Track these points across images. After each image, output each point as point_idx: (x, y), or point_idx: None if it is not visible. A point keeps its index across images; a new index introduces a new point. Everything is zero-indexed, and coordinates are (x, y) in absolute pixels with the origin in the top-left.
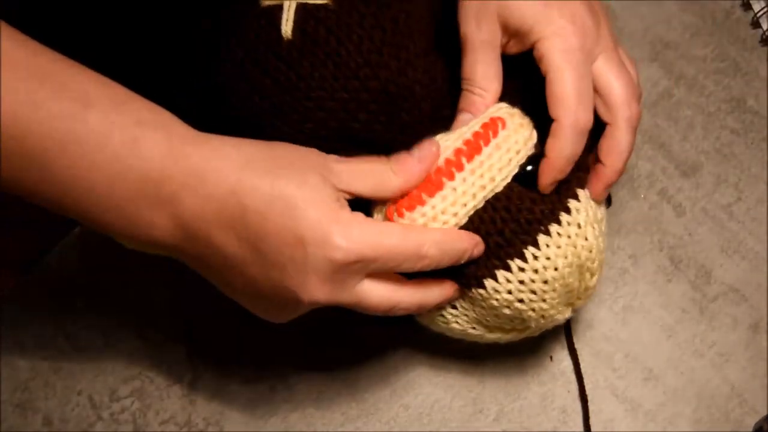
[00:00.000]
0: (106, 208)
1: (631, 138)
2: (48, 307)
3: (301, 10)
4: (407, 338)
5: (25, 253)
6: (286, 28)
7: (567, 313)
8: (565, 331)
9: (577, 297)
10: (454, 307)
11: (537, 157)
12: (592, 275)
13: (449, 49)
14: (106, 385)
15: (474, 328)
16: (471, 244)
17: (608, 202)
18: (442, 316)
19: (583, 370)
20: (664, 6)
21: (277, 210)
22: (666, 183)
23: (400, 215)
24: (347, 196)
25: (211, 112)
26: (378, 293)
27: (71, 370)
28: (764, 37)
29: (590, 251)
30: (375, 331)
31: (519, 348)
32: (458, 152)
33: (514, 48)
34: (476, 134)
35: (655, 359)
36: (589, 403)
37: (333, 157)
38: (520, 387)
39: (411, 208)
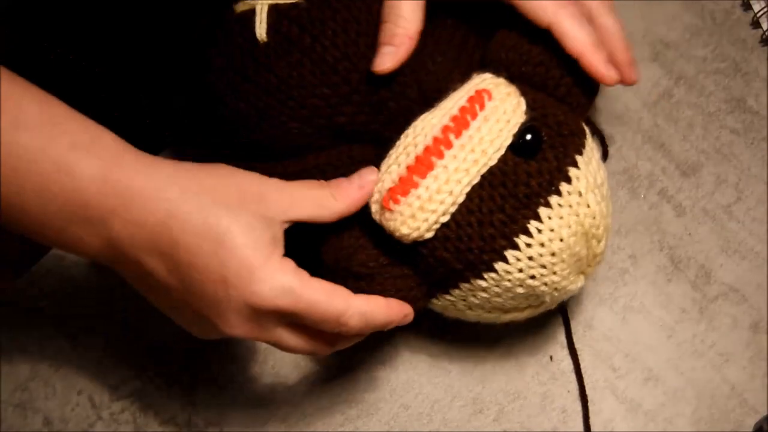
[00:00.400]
0: (38, 223)
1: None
2: (48, 307)
3: (274, 12)
4: (407, 338)
5: (24, 253)
6: (260, 30)
7: (579, 282)
8: (565, 331)
9: (587, 264)
10: (465, 299)
11: (532, 126)
12: (598, 241)
13: (434, 33)
14: (106, 385)
15: (489, 312)
16: (398, 317)
17: (604, 156)
18: (454, 305)
19: (583, 370)
20: (664, 6)
21: (205, 248)
22: (666, 183)
23: (396, 202)
24: (286, 225)
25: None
26: (294, 341)
27: (71, 370)
28: (764, 37)
29: (594, 218)
30: (375, 331)
31: (519, 348)
32: (446, 129)
33: None
34: (462, 109)
35: (655, 359)
36: (589, 403)
37: (273, 185)
38: (520, 387)
39: (405, 193)
